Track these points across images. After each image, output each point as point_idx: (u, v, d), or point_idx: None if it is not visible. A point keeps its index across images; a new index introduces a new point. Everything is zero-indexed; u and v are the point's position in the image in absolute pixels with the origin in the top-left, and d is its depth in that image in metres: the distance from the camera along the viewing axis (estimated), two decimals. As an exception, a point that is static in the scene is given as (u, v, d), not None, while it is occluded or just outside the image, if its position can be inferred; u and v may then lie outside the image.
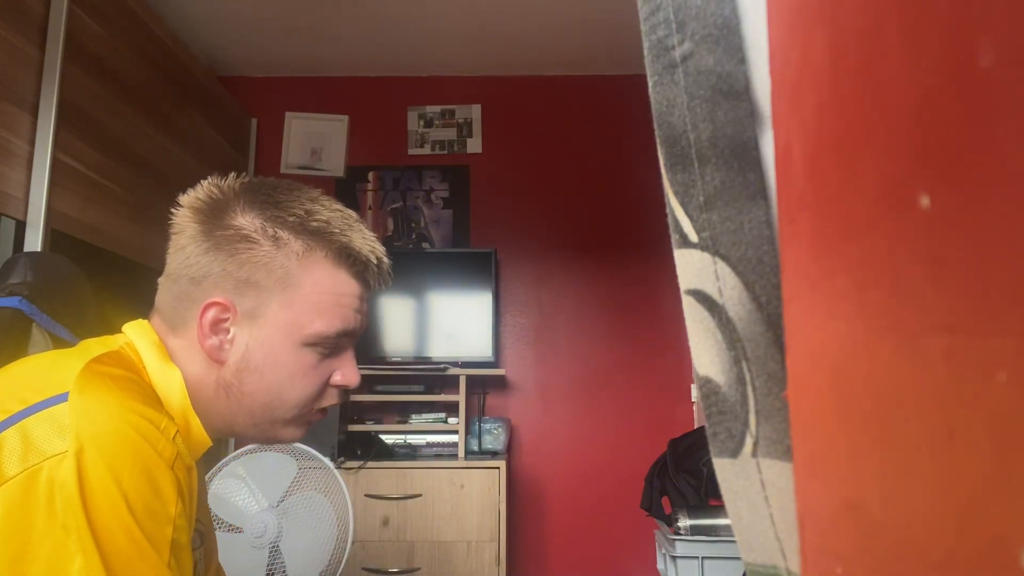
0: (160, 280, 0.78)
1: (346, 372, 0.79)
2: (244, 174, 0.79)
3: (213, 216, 0.74)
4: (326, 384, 0.78)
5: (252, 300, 0.73)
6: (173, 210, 0.76)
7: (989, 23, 0.17)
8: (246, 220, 0.74)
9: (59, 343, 0.96)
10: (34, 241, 1.56)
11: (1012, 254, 0.16)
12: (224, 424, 0.76)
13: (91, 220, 1.77)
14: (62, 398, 0.60)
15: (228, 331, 0.74)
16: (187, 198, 0.76)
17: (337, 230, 0.76)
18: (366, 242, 0.78)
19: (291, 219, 0.74)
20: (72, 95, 1.68)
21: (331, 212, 0.77)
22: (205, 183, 0.77)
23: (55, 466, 0.56)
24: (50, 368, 0.66)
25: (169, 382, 0.72)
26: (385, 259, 0.81)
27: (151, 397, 0.68)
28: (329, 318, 0.75)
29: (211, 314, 0.73)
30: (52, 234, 1.60)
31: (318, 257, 0.75)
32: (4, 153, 1.50)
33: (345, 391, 0.81)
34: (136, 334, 0.75)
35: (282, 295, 0.74)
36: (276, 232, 0.74)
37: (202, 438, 0.74)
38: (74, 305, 1.04)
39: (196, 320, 0.73)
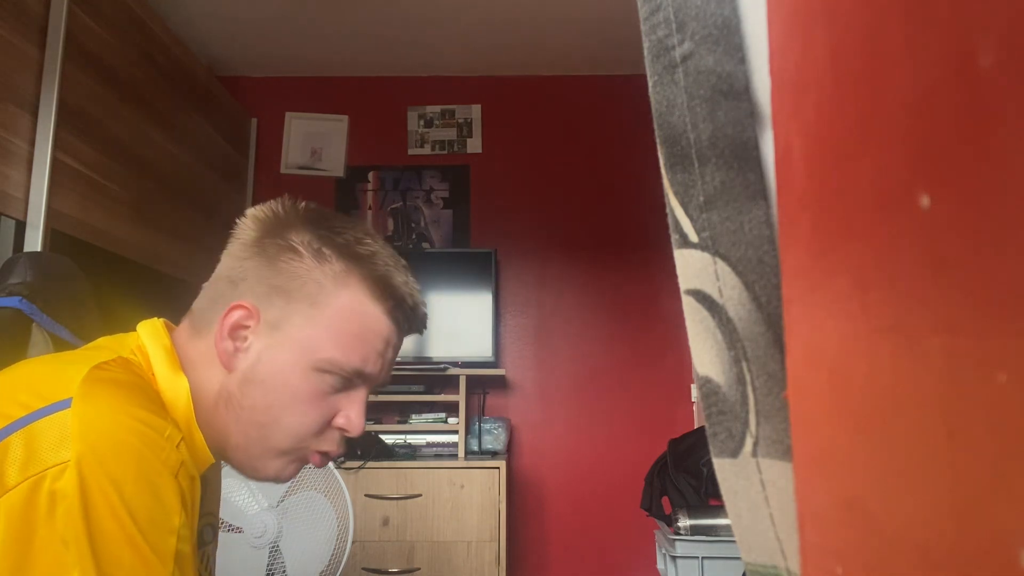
0: (204, 284, 0.76)
1: (351, 415, 0.73)
2: (308, 202, 0.78)
3: (271, 228, 0.74)
4: (328, 424, 0.73)
5: (278, 311, 0.71)
6: (237, 219, 0.76)
7: (989, 23, 0.17)
8: (297, 235, 0.73)
9: (59, 343, 0.96)
10: (34, 241, 1.56)
11: (1012, 254, 0.16)
12: (217, 442, 0.72)
13: (91, 220, 1.77)
14: (65, 404, 0.58)
15: (246, 339, 0.71)
16: (252, 208, 0.76)
17: (382, 262, 0.74)
18: (407, 283, 0.76)
19: (339, 240, 0.73)
20: (72, 95, 1.68)
21: (382, 247, 0.75)
22: (276, 199, 0.76)
23: (56, 476, 0.54)
24: (54, 372, 0.63)
25: (176, 391, 0.69)
26: (422, 306, 0.77)
27: (156, 403, 0.65)
28: (348, 349, 0.71)
29: (234, 316, 0.71)
30: (52, 234, 1.60)
31: (354, 281, 0.72)
32: (4, 153, 1.50)
33: (344, 439, 0.75)
34: (149, 336, 0.72)
35: (308, 310, 0.71)
36: (321, 248, 0.72)
37: (204, 453, 0.70)
38: (74, 305, 1.04)
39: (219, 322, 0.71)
